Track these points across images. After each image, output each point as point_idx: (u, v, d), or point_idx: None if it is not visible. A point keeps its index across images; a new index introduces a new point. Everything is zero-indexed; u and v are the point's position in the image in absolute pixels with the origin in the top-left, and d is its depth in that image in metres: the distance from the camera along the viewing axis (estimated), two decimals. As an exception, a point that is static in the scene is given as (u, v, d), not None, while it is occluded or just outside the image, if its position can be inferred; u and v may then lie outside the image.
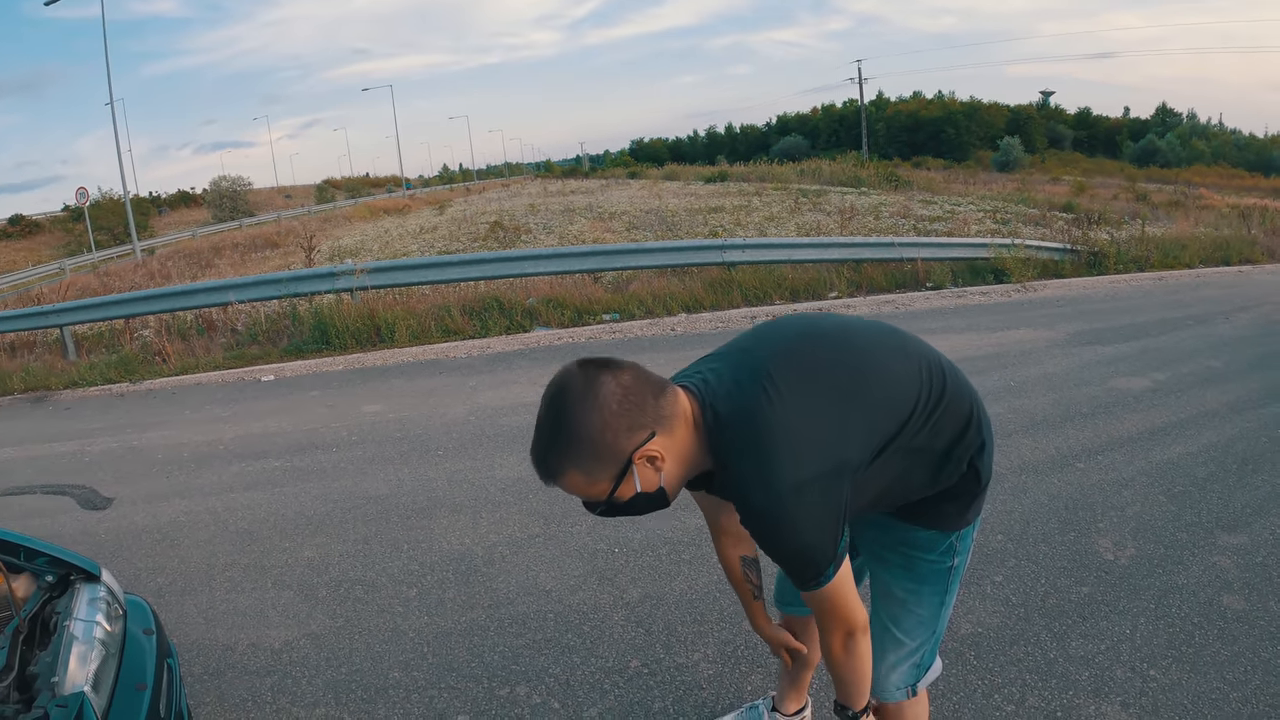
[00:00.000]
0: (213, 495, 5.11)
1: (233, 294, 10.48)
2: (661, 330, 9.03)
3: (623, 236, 18.94)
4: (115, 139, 33.41)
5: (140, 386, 8.76)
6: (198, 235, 43.49)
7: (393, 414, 6.52)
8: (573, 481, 1.57)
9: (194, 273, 22.01)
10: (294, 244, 25.44)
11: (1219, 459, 4.86)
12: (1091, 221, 15.68)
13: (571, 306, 9.96)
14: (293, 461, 5.58)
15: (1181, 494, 4.35)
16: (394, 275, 10.56)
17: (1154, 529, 3.95)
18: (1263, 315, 9.37)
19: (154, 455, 6.13)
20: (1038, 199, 27.36)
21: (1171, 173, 57.96)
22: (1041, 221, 19.89)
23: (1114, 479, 4.57)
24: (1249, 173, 61.62)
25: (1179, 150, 75.40)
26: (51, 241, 52.04)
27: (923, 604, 1.94)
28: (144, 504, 5.10)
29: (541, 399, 1.60)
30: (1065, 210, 23.82)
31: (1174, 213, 24.31)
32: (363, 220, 40.21)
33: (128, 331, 11.05)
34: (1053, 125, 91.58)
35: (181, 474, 5.62)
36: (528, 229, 22.79)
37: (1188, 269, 13.54)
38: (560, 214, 27.53)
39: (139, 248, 34.57)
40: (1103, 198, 30.83)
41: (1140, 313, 9.45)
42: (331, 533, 4.37)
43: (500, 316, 9.68)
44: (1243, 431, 5.33)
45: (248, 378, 8.45)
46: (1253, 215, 21.68)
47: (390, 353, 8.79)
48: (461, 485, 4.86)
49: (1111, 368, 6.89)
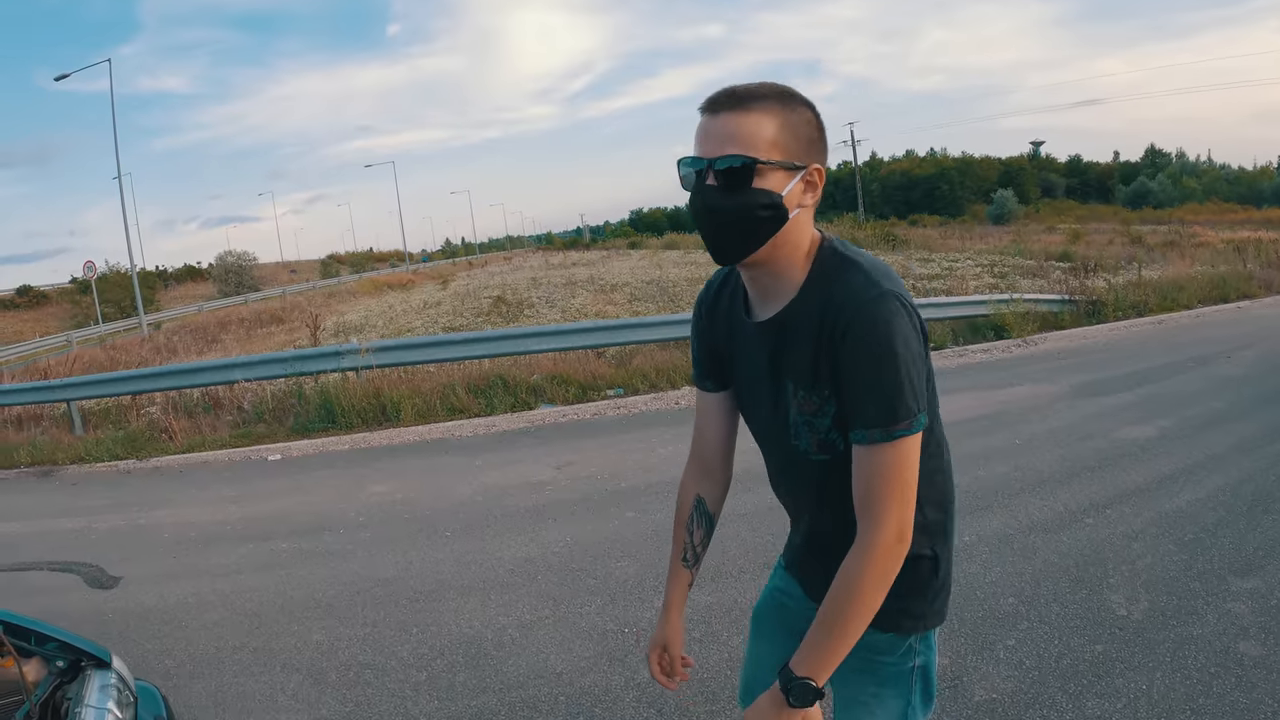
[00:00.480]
0: (220, 577, 5.12)
1: (239, 372, 10.57)
2: (666, 404, 9.09)
3: (625, 309, 19.11)
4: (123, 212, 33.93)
5: (147, 464, 8.80)
6: (204, 310, 43.91)
7: (400, 494, 6.55)
8: (756, 120, 1.45)
9: (200, 348, 22.17)
10: (299, 319, 25.66)
11: (1228, 502, 4.88)
12: (1088, 270, 15.91)
13: (575, 383, 10.02)
14: (300, 543, 5.59)
15: (1192, 541, 4.37)
16: (399, 354, 10.65)
17: (1166, 580, 3.95)
18: (1264, 351, 9.45)
19: (161, 534, 6.16)
20: (1034, 249, 27.80)
21: (1165, 213, 59.16)
22: (1039, 272, 20.10)
23: (1123, 532, 4.58)
24: (1241, 206, 63.08)
25: (1170, 190, 76.77)
26: (59, 313, 52.56)
27: (886, 708, 1.72)
28: (151, 584, 5.11)
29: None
30: (1062, 259, 24.19)
31: (1169, 253, 24.70)
32: (367, 295, 40.58)
33: (135, 407, 11.14)
34: (1045, 175, 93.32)
35: (189, 554, 5.64)
36: (530, 303, 23.00)
37: (1187, 310, 13.70)
38: (562, 287, 27.81)
39: (145, 322, 34.83)
40: (1098, 243, 31.33)
41: (1141, 359, 9.55)
42: (340, 616, 4.38)
43: (505, 394, 9.73)
44: (1250, 472, 5.37)
45: (254, 457, 8.49)
46: (1248, 249, 22.08)
47: (396, 432, 8.84)
48: (470, 567, 4.87)
49: (1116, 418, 6.94)
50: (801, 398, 1.56)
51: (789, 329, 1.55)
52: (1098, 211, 65.12)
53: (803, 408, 1.56)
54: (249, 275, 64.87)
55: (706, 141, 1.48)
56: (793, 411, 1.58)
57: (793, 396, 1.58)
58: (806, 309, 1.52)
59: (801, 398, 1.56)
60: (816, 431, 1.55)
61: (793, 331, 1.54)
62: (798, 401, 1.57)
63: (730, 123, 1.46)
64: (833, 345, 1.45)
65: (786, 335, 1.56)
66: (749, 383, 1.73)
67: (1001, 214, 68.05)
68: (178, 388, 11.07)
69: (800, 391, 1.56)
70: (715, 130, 1.47)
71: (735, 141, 1.44)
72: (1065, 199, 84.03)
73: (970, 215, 66.46)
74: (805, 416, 1.56)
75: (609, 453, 7.12)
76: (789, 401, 1.59)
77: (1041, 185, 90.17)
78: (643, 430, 7.84)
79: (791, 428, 1.61)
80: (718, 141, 1.46)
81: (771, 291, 1.59)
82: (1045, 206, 75.28)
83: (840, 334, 1.43)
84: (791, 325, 1.55)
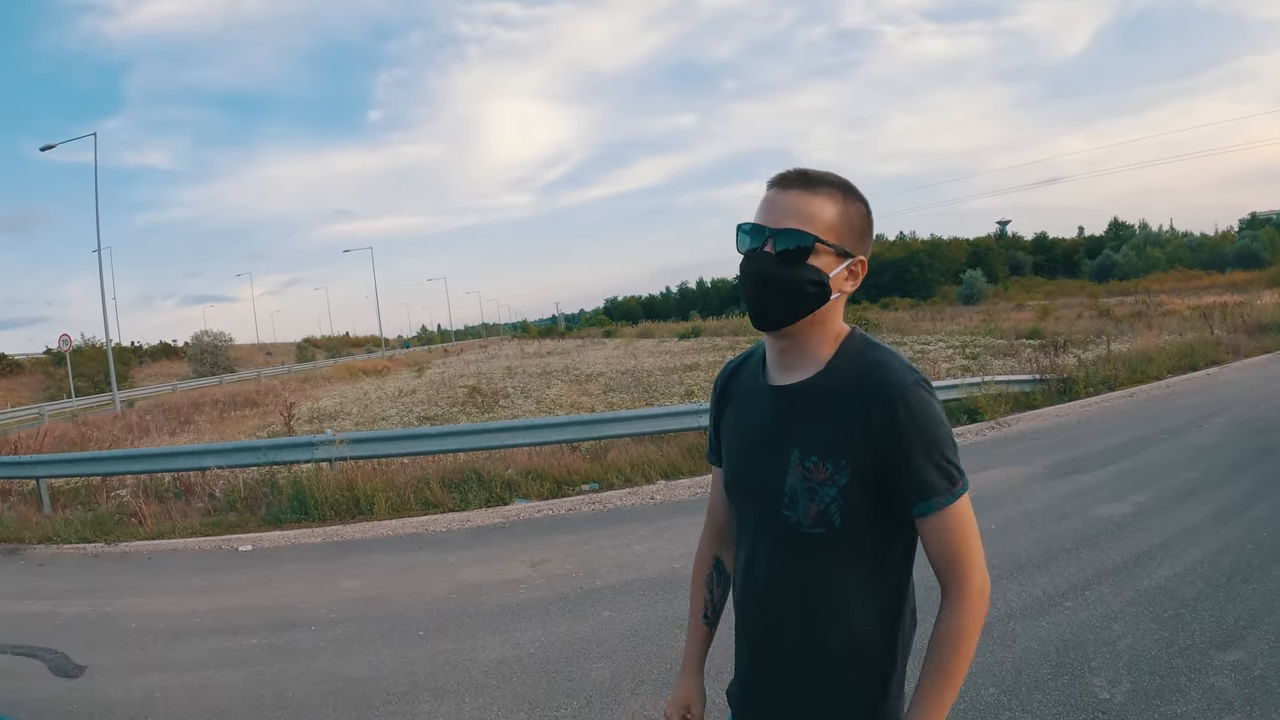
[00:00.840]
0: (188, 671, 5.05)
1: (212, 459, 10.50)
2: (641, 499, 9.08)
3: (600, 400, 19.17)
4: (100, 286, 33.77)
5: (115, 548, 8.68)
6: (178, 389, 43.57)
7: (373, 590, 6.49)
8: (820, 203, 1.58)
9: (173, 429, 21.98)
10: (273, 403, 25.59)
11: (1206, 575, 4.96)
12: (1058, 347, 16.18)
13: (550, 477, 10.00)
14: (270, 639, 5.52)
15: (1173, 618, 4.42)
16: (373, 446, 10.63)
17: (1148, 659, 3.99)
18: (1235, 418, 9.60)
19: (128, 623, 6.06)
20: (1004, 328, 28.31)
21: (1131, 284, 60.47)
22: (1010, 351, 20.52)
23: (1103, 613, 4.62)
24: (1205, 271, 64.48)
25: (1135, 261, 78.44)
26: (31, 383, 52.03)
27: None
28: (117, 675, 5.04)
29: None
30: (1032, 336, 24.68)
31: (1137, 324, 25.24)
32: (342, 380, 40.56)
33: (105, 488, 11.01)
34: (1012, 253, 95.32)
35: (156, 646, 5.55)
36: (505, 393, 23.04)
37: (1157, 381, 13.95)
38: (537, 376, 27.96)
39: (119, 399, 34.50)
40: (1067, 318, 31.96)
41: (1114, 434, 9.67)
42: (310, 716, 4.32)
43: (480, 489, 9.70)
44: (1228, 542, 5.47)
45: (225, 546, 8.39)
46: (1214, 314, 22.55)
47: (369, 525, 8.78)
48: (444, 668, 4.82)
49: (1091, 496, 7.01)
50: (811, 465, 1.58)
51: (811, 397, 1.62)
52: (1065, 286, 66.70)
53: (810, 475, 1.58)
54: (224, 356, 64.66)
55: (771, 213, 1.60)
56: (792, 478, 1.60)
57: (796, 463, 1.60)
58: (835, 383, 1.60)
59: (811, 465, 1.58)
60: (818, 500, 1.57)
61: (816, 400, 1.61)
62: (803, 468, 1.59)
63: (797, 200, 1.58)
64: (878, 425, 1.52)
65: (807, 403, 1.62)
66: (745, 441, 1.76)
67: (971, 294, 69.28)
68: (149, 471, 10.96)
69: (810, 458, 1.58)
70: (781, 204, 1.59)
71: (798, 217, 1.57)
72: (1033, 276, 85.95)
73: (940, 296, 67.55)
74: (809, 484, 1.58)
75: (584, 549, 7.11)
76: (788, 467, 1.61)
77: (1009, 264, 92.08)
78: (618, 526, 7.83)
79: (787, 494, 1.61)
80: (782, 214, 1.58)
81: (795, 363, 1.67)
82: (1014, 284, 76.83)
83: (889, 413, 1.52)
84: (815, 394, 1.62)
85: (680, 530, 7.32)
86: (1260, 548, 5.35)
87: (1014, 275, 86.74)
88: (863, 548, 1.60)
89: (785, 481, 1.61)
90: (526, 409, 18.84)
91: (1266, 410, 10.34)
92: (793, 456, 1.61)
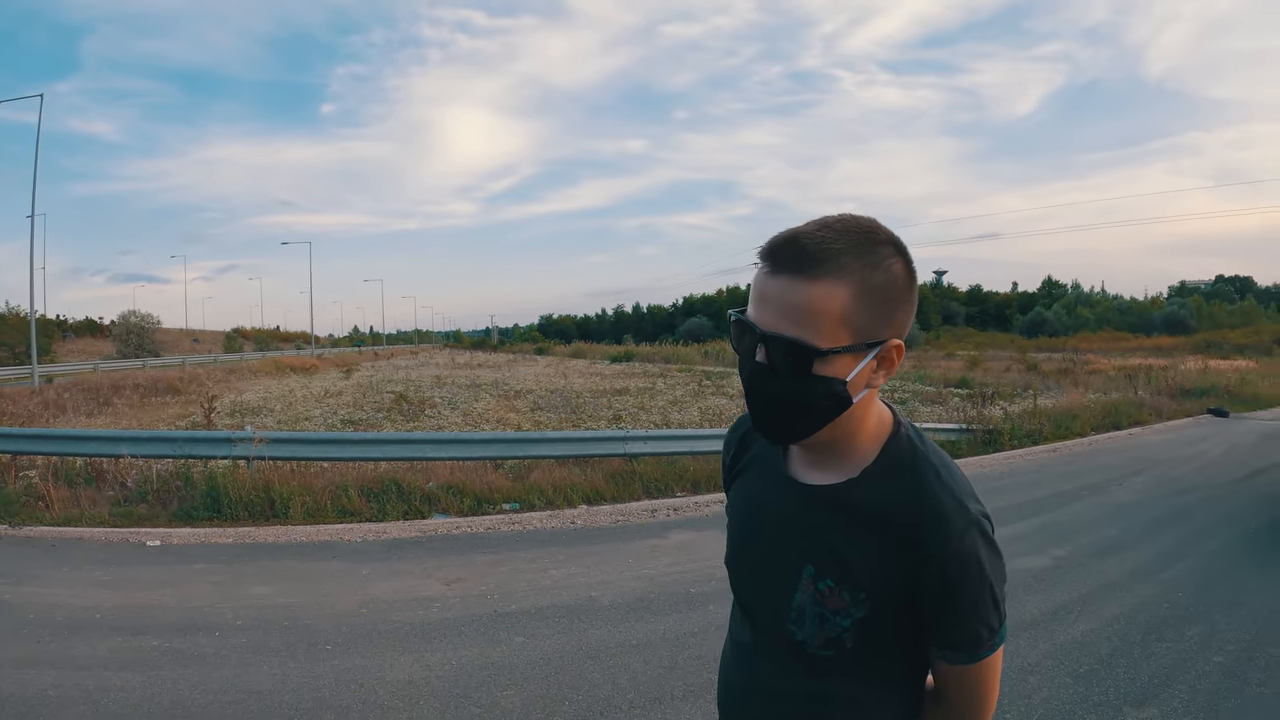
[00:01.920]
0: (85, 670, 4.93)
1: (126, 447, 10.29)
2: (561, 523, 9.06)
3: (527, 418, 19.12)
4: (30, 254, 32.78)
5: (19, 531, 8.43)
6: (99, 369, 42.48)
7: (282, 598, 6.39)
8: (826, 292, 1.21)
9: (90, 409, 21.43)
10: (196, 392, 25.12)
11: (1122, 631, 5.11)
12: (986, 399, 16.53)
13: (471, 494, 9.95)
14: (173, 642, 5.41)
15: (1088, 673, 4.54)
16: (293, 448, 10.52)
17: (1061, 714, 4.09)
18: (1156, 477, 9.88)
19: (26, 614, 5.89)
20: (934, 375, 28.81)
21: (1060, 341, 62.30)
22: (938, 399, 20.94)
23: (1019, 665, 4.70)
24: (1133, 334, 66.76)
25: (1065, 319, 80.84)
26: (-54, 346, 50.36)
27: None
28: (11, 669, 4.90)
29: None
30: (960, 385, 25.20)
31: (1064, 380, 25.90)
32: (269, 375, 39.91)
33: (14, 468, 10.69)
34: (946, 303, 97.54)
35: (54, 640, 5.41)
36: (433, 403, 22.86)
37: (1081, 438, 14.31)
38: (466, 388, 27.83)
39: (38, 373, 33.54)
40: (996, 370, 32.77)
41: (1037, 487, 9.91)
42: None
43: (398, 500, 9.62)
44: (1144, 600, 5.63)
45: (133, 539, 8.19)
46: (1138, 376, 23.37)
47: (283, 529, 8.64)
48: (350, 686, 4.77)
49: (1011, 548, 7.06)
50: (826, 590, 1.36)
51: (839, 511, 1.36)
52: (996, 339, 68.24)
53: (822, 600, 1.36)
54: (150, 338, 63.34)
55: (761, 308, 1.26)
56: (801, 596, 1.38)
57: (809, 581, 1.37)
58: (871, 500, 1.34)
59: (826, 590, 1.36)
60: (828, 628, 1.36)
61: (844, 516, 1.36)
62: (817, 591, 1.36)
63: (791, 292, 1.23)
64: (918, 572, 1.29)
65: (833, 515, 1.37)
66: (752, 534, 1.52)
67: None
68: (61, 454, 10.70)
69: (826, 582, 1.36)
70: (773, 296, 1.24)
71: (794, 318, 1.22)
72: (965, 326, 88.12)
73: (874, 341, 68.15)
74: (820, 609, 1.36)
75: (501, 570, 7.07)
76: (798, 583, 1.39)
77: (943, 313, 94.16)
78: (536, 549, 7.80)
79: (794, 612, 1.39)
80: (773, 313, 1.24)
81: (822, 462, 1.41)
82: (946, 334, 78.67)
83: (936, 566, 1.28)
84: (844, 509, 1.36)
85: (599, 558, 7.34)
86: (1175, 607, 5.54)
87: (947, 324, 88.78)
88: (880, 664, 1.40)
89: (793, 598, 1.39)
90: (453, 421, 18.72)
91: (1187, 471, 10.69)
92: (805, 573, 1.38)
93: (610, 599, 6.15)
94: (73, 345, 66.16)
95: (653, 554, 7.41)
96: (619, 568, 7.04)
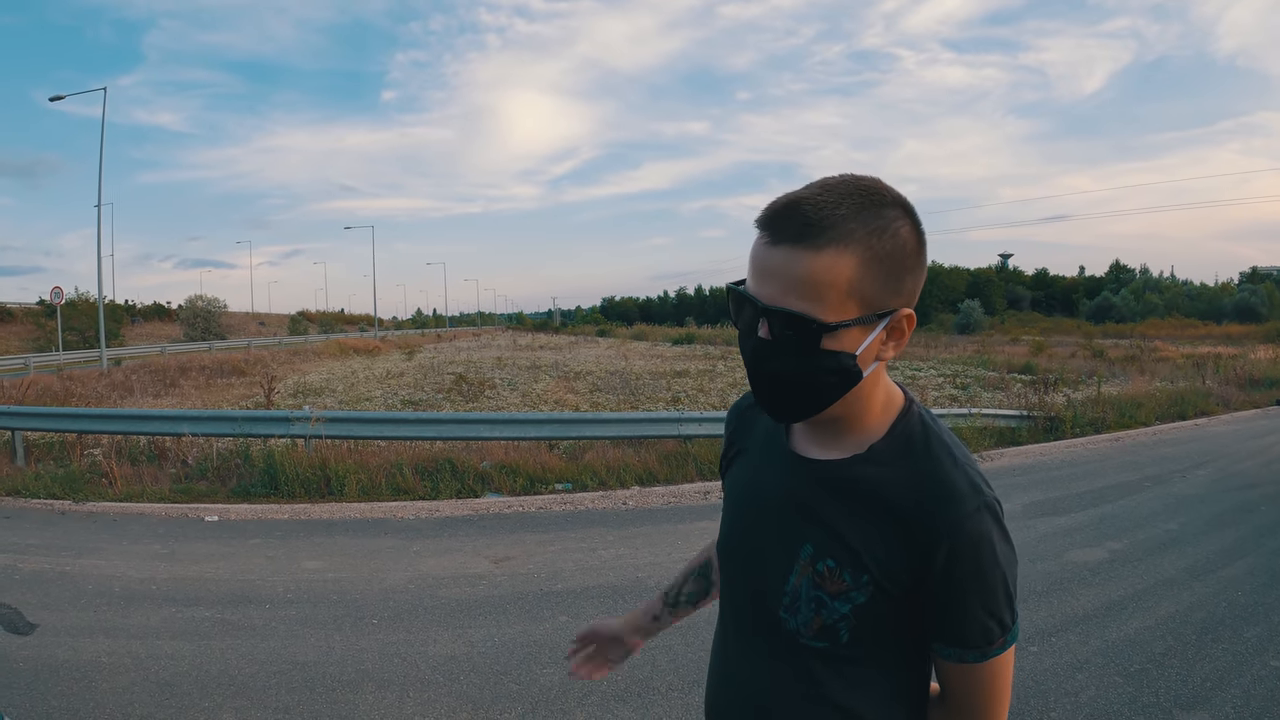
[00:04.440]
0: (138, 638, 5.03)
1: (187, 426, 10.50)
2: (613, 504, 9.06)
3: (585, 399, 19.19)
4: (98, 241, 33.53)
5: (83, 507, 8.65)
6: (166, 352, 43.39)
7: (332, 573, 6.47)
8: (831, 260, 1.13)
9: (157, 391, 21.93)
10: (260, 374, 25.51)
11: (1177, 630, 4.94)
12: (1048, 385, 16.16)
13: (525, 473, 9.99)
14: (224, 613, 5.51)
15: (1139, 673, 4.40)
16: (350, 427, 10.63)
17: (1109, 714, 3.96)
18: (1219, 471, 9.60)
19: (85, 584, 6.05)
20: (997, 360, 28.32)
21: (1127, 327, 60.71)
22: (1000, 384, 20.50)
23: (1068, 661, 4.59)
24: (1202, 321, 64.83)
25: (1133, 305, 79.00)
26: (21, 333, 52.00)
27: None
28: (67, 636, 5.03)
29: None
30: (1024, 371, 24.72)
31: (1130, 368, 25.20)
32: (332, 357, 40.48)
33: (79, 446, 10.98)
34: (1011, 287, 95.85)
35: (110, 609, 5.53)
36: (492, 384, 23.03)
37: (1144, 427, 13.94)
38: (527, 370, 28.03)
39: (106, 356, 34.39)
40: (1060, 356, 31.97)
41: (1097, 478, 9.67)
42: (253, 697, 4.30)
43: (452, 479, 9.70)
44: (1201, 598, 5.44)
45: (191, 515, 8.37)
46: (1206, 365, 22.74)
47: (338, 506, 8.76)
48: (393, 659, 4.81)
49: (1067, 539, 6.99)
50: (826, 571, 1.26)
51: (844, 486, 1.28)
52: (1062, 324, 66.80)
53: (820, 582, 1.26)
54: (217, 322, 64.63)
55: (761, 280, 1.18)
56: (797, 578, 1.29)
57: (807, 561, 1.28)
58: (879, 479, 1.25)
59: (826, 571, 1.26)
60: (825, 613, 1.27)
61: (850, 492, 1.27)
62: (815, 573, 1.27)
63: (794, 263, 1.14)
64: (925, 559, 1.20)
65: (837, 491, 1.28)
66: (748, 513, 1.43)
67: (968, 324, 69.63)
68: (125, 432, 10.97)
69: (826, 563, 1.26)
70: (773, 268, 1.16)
71: (798, 291, 1.14)
72: (1031, 311, 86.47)
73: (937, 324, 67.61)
74: (817, 592, 1.27)
75: (549, 550, 7.09)
76: (795, 563, 1.29)
77: (1008, 297, 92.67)
78: (586, 529, 7.81)
79: (787, 595, 1.30)
80: (775, 286, 1.16)
81: (828, 438, 1.32)
82: (1011, 318, 77.36)
83: (945, 556, 1.19)
84: (850, 485, 1.27)
85: (649, 539, 7.32)
86: (1234, 607, 5.35)
87: (1011, 309, 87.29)
88: (877, 659, 1.30)
89: (788, 579, 1.30)
90: (512, 402, 18.84)
91: (1252, 466, 10.35)
92: (804, 552, 1.29)
93: (657, 580, 6.12)
94: (141, 329, 67.67)
95: (702, 536, 7.35)
96: (668, 549, 7.01)
